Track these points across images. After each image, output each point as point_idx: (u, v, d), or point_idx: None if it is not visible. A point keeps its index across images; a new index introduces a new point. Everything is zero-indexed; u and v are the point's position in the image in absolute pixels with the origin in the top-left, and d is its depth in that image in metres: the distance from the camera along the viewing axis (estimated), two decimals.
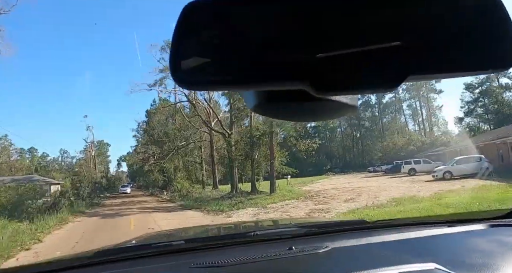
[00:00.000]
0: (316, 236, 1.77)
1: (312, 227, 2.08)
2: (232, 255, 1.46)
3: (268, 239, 1.77)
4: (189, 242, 1.79)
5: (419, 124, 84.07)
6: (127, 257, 1.63)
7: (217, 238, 2.13)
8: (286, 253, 1.44)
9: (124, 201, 29.90)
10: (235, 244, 1.75)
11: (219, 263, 1.38)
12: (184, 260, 1.51)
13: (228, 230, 2.99)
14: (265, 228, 2.50)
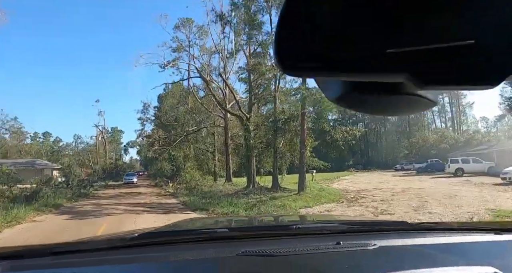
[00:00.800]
0: (363, 233, 1.79)
1: (358, 224, 2.07)
2: (278, 246, 1.47)
3: (313, 233, 1.78)
4: (233, 230, 1.80)
5: (446, 122, 78.31)
6: (171, 240, 1.68)
7: (261, 229, 2.21)
8: (334, 247, 1.44)
9: (119, 193, 25.33)
10: (279, 236, 1.75)
11: (265, 252, 1.36)
12: (229, 248, 1.51)
13: (270, 222, 3.15)
14: (308, 222, 2.44)
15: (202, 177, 33.05)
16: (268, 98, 24.96)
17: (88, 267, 1.43)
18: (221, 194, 21.04)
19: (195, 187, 25.79)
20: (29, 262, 1.45)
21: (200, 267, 1.41)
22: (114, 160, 65.40)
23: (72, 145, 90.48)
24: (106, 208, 15.10)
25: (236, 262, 1.38)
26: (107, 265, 1.44)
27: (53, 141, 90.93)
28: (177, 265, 1.44)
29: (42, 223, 11.68)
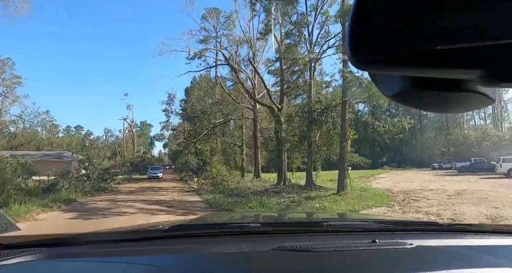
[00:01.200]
0: (398, 232, 1.76)
1: (390, 223, 2.04)
2: (311, 242, 1.49)
3: (344, 231, 1.78)
4: (265, 225, 1.83)
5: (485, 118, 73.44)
6: (205, 233, 1.71)
7: (292, 225, 2.19)
8: (370, 245, 1.44)
9: (140, 187, 23.74)
10: (311, 232, 1.76)
11: (301, 247, 1.38)
12: (263, 242, 1.51)
13: (300, 218, 3.09)
14: (338, 220, 2.43)
15: (228, 172, 31.19)
16: (302, 86, 22.58)
17: (122, 257, 1.43)
18: (249, 192, 18.99)
19: (221, 183, 23.86)
20: (66, 250, 1.49)
21: (237, 260, 1.39)
22: (142, 154, 64.49)
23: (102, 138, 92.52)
24: (119, 206, 13.36)
25: (272, 257, 1.38)
26: (142, 256, 1.44)
27: (84, 134, 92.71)
28: (213, 258, 1.43)
29: (40, 223, 9.99)
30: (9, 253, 1.39)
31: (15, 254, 1.38)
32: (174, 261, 1.44)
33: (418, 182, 25.67)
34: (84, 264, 1.39)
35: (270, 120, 37.20)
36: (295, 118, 21.23)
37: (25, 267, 1.32)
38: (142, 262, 1.35)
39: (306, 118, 19.86)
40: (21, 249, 1.43)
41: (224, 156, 34.89)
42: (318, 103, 20.08)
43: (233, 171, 34.00)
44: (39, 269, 1.36)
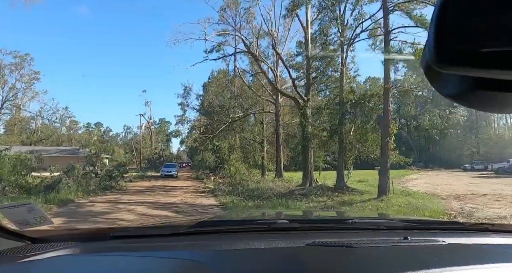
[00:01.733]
0: (426, 231, 1.77)
1: (418, 222, 2.04)
2: (341, 238, 1.49)
3: (370, 228, 1.77)
4: (292, 222, 1.77)
5: None
6: (233, 229, 1.69)
7: (318, 222, 2.19)
8: (402, 242, 1.45)
9: (151, 186, 21.61)
10: (339, 229, 1.76)
11: (335, 243, 1.39)
12: (294, 239, 1.50)
13: (324, 215, 3.12)
14: (362, 218, 2.24)
15: (247, 171, 28.91)
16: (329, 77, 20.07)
17: (154, 251, 1.42)
18: (271, 193, 16.68)
19: (240, 183, 21.59)
20: (95, 245, 1.51)
21: (272, 256, 1.38)
22: (159, 150, 63.07)
23: (121, 135, 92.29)
24: (119, 210, 11.26)
25: (307, 252, 1.38)
26: (174, 251, 1.44)
27: (103, 131, 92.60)
28: (247, 253, 1.40)
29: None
30: (41, 247, 1.39)
31: (46, 248, 1.39)
32: (209, 256, 1.38)
33: (460, 185, 22.86)
34: (115, 258, 1.37)
35: (293, 115, 34.77)
36: (324, 111, 18.75)
37: (57, 262, 1.31)
38: (175, 257, 1.33)
39: (337, 111, 17.37)
40: (52, 243, 1.44)
41: (243, 153, 32.59)
42: (351, 93, 17.59)
43: (252, 169, 31.71)
44: (71, 263, 1.35)
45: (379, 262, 1.29)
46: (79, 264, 1.35)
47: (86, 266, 1.32)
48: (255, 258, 1.35)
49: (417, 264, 1.19)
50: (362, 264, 1.29)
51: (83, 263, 1.35)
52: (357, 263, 1.28)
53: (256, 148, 32.73)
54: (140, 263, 1.31)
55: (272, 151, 31.76)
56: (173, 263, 1.27)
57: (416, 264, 1.19)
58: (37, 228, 1.55)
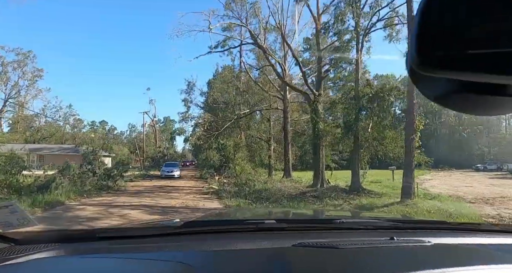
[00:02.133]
0: (412, 230, 1.77)
1: (405, 222, 2.05)
2: (329, 238, 1.48)
3: (358, 228, 1.77)
4: (280, 222, 1.77)
5: None
6: (220, 230, 1.67)
7: (306, 221, 2.17)
8: (388, 242, 1.44)
9: (152, 187, 20.17)
10: (326, 229, 1.75)
11: (322, 244, 1.38)
12: (281, 239, 1.50)
13: (311, 215, 3.16)
14: (350, 217, 2.40)
15: (253, 170, 27.55)
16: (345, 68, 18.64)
17: (141, 253, 1.41)
18: (280, 195, 15.35)
19: (246, 183, 20.24)
20: (81, 246, 1.47)
21: (259, 256, 1.37)
22: (163, 149, 61.94)
23: (126, 134, 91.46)
24: (110, 215, 9.94)
25: (294, 253, 1.38)
26: (161, 252, 1.41)
27: (108, 129, 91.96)
28: (235, 254, 1.40)
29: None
30: (25, 249, 1.35)
31: (30, 250, 1.35)
32: (195, 257, 1.37)
33: (481, 187, 21.37)
34: (101, 260, 1.36)
35: (301, 112, 33.36)
36: (338, 106, 17.33)
37: (42, 264, 1.29)
38: (162, 258, 1.31)
39: (353, 106, 15.95)
40: (36, 245, 1.40)
41: (249, 152, 31.21)
42: (368, 87, 16.16)
43: (258, 168, 30.36)
44: (57, 265, 1.32)
45: (364, 263, 1.27)
46: (65, 266, 1.32)
47: (72, 267, 1.30)
48: (241, 259, 1.33)
49: (403, 265, 1.18)
50: (347, 265, 1.27)
51: (69, 265, 1.32)
52: (342, 264, 1.26)
53: (263, 147, 31.34)
54: (126, 264, 1.29)
55: (279, 149, 30.38)
56: (159, 264, 1.25)
57: (401, 265, 1.19)
58: (20, 230, 1.53)
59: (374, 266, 1.24)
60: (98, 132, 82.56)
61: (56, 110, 63.85)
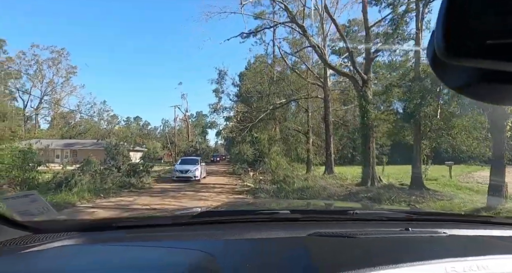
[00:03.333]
0: (427, 222, 1.77)
1: (419, 214, 2.00)
2: (344, 229, 1.46)
3: (372, 219, 1.77)
4: (294, 212, 1.76)
5: None
6: (235, 220, 1.68)
7: (320, 212, 2.12)
8: (404, 233, 1.45)
9: (179, 184, 18.07)
10: (340, 220, 1.73)
11: (337, 234, 1.38)
12: (296, 229, 1.49)
13: (325, 206, 3.01)
14: (363, 209, 2.38)
15: (289, 165, 25.19)
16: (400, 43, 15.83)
17: (158, 241, 1.41)
18: (326, 195, 13.03)
19: (284, 180, 17.96)
20: (100, 235, 1.49)
21: (273, 245, 1.35)
22: (195, 143, 60.98)
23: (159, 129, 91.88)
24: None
25: (308, 242, 1.36)
26: (178, 241, 1.43)
27: (142, 124, 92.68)
28: (252, 243, 1.39)
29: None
30: (44, 238, 1.37)
31: (50, 238, 1.37)
32: (210, 246, 1.33)
33: None
34: (120, 248, 1.36)
35: (342, 101, 30.63)
36: (394, 90, 14.64)
37: (61, 251, 1.30)
38: (179, 246, 1.32)
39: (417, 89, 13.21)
40: (55, 233, 1.42)
41: (286, 145, 28.83)
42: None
43: (294, 163, 27.97)
44: (76, 253, 1.32)
45: (380, 253, 1.25)
46: (84, 253, 1.31)
47: (91, 255, 1.29)
48: (255, 248, 1.34)
49: (418, 255, 1.17)
50: (363, 254, 1.24)
51: (87, 253, 1.32)
52: (358, 253, 1.25)
53: (300, 139, 28.84)
54: (144, 253, 1.28)
55: (319, 142, 27.81)
56: (177, 253, 1.26)
57: (417, 255, 1.17)
58: (40, 219, 1.56)
59: (390, 255, 1.19)
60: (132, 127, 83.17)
61: (91, 106, 64.62)
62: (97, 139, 31.16)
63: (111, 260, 1.22)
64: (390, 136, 16.47)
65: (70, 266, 1.19)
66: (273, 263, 1.17)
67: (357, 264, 1.07)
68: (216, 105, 30.19)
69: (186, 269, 1.10)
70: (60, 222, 1.69)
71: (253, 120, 26.14)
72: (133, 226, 1.59)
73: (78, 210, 9.84)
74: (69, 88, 60.99)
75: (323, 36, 23.66)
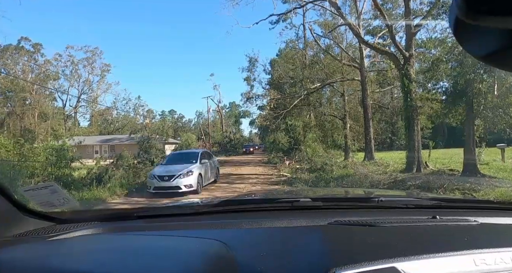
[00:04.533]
0: (455, 210, 1.66)
1: (447, 201, 1.91)
2: (366, 217, 1.43)
3: (397, 207, 1.70)
4: (316, 200, 1.72)
5: None
6: (256, 208, 1.69)
7: (343, 200, 2.03)
8: (430, 221, 1.38)
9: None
10: (364, 208, 1.71)
11: (358, 222, 1.34)
12: (317, 217, 1.45)
13: (349, 194, 2.98)
14: (389, 196, 2.11)
15: (325, 152, 24.16)
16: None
17: (178, 230, 1.42)
18: (369, 184, 12.05)
19: (322, 168, 17.08)
20: (120, 224, 1.53)
21: (293, 234, 1.32)
22: (229, 134, 61.06)
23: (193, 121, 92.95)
24: None
25: (329, 231, 1.32)
26: (198, 230, 1.42)
27: (177, 117, 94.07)
28: (271, 232, 1.37)
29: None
30: (67, 227, 1.40)
31: (72, 228, 1.40)
32: (230, 235, 1.32)
33: None
34: (139, 237, 1.36)
35: (379, 83, 29.07)
36: (441, 66, 13.27)
37: (84, 240, 1.32)
38: (198, 235, 1.30)
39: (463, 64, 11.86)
40: (77, 223, 1.45)
41: (321, 131, 27.78)
42: None
43: (331, 150, 26.88)
44: (96, 241, 1.35)
45: (403, 242, 1.20)
46: (104, 241, 1.34)
47: (111, 243, 1.31)
48: (276, 237, 1.31)
49: (445, 245, 1.12)
50: (384, 243, 1.20)
51: (108, 241, 1.34)
52: (379, 242, 1.19)
53: (337, 125, 27.68)
54: (163, 241, 1.28)
55: (357, 127, 26.56)
56: (195, 241, 1.24)
57: (444, 245, 1.12)
58: (62, 209, 1.58)
59: (414, 245, 1.14)
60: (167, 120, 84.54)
61: (126, 102, 65.94)
62: (130, 133, 31.29)
63: (129, 248, 1.22)
64: (437, 118, 15.08)
65: (92, 252, 1.20)
66: (289, 251, 1.13)
67: (377, 254, 1.01)
68: (248, 93, 29.54)
69: (199, 258, 1.10)
70: (82, 212, 1.80)
71: (286, 107, 25.28)
72: (152, 216, 1.62)
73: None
74: (104, 85, 62.55)
75: (357, 14, 22.35)
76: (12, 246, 1.26)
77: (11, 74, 47.80)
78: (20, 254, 1.19)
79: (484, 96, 11.70)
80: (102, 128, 63.59)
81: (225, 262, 1.06)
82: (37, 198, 1.51)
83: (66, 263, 1.12)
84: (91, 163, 16.74)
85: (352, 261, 0.96)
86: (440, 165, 16.57)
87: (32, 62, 51.66)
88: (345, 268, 0.93)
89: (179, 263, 1.10)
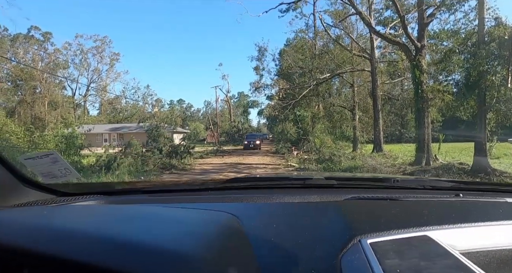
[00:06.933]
0: (484, 192, 1.55)
1: (466, 183, 1.85)
2: (383, 194, 1.37)
3: (415, 188, 1.61)
4: (329, 179, 1.65)
5: None
6: (267, 185, 1.65)
7: (357, 179, 1.98)
8: (453, 198, 1.33)
9: (222, 164, 17.56)
10: (380, 187, 1.64)
11: (375, 197, 1.30)
12: (331, 194, 1.43)
13: (365, 175, 2.97)
14: (405, 179, 1.95)
15: (334, 143, 24.08)
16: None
17: (186, 203, 1.37)
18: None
19: (330, 159, 17.06)
20: (124, 197, 1.52)
21: (306, 208, 1.27)
22: (237, 123, 61.06)
23: (202, 110, 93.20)
24: None
25: (346, 206, 1.26)
26: (207, 203, 1.36)
27: (185, 107, 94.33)
28: (284, 206, 1.33)
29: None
30: (68, 199, 1.39)
31: (75, 200, 1.39)
32: (239, 208, 1.26)
33: None
34: (147, 208, 1.31)
35: (389, 74, 28.72)
36: (454, 58, 13.04)
37: (87, 208, 1.29)
38: (204, 208, 1.25)
39: (476, 55, 11.62)
40: (80, 196, 1.44)
41: (330, 122, 27.62)
42: (500, 27, 11.70)
43: (339, 141, 26.76)
44: (102, 210, 1.30)
45: (427, 214, 1.11)
46: (112, 211, 1.28)
47: (120, 212, 1.26)
48: (288, 211, 1.26)
49: (481, 216, 1.06)
50: (407, 215, 1.13)
51: (115, 210, 1.29)
52: (401, 214, 1.13)
53: (346, 116, 27.48)
54: (172, 212, 1.24)
55: (366, 119, 26.36)
56: (200, 213, 1.21)
57: (479, 216, 1.06)
58: (65, 181, 1.54)
59: (445, 216, 1.07)
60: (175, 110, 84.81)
61: (135, 91, 66.20)
62: (138, 121, 31.40)
63: (136, 216, 1.17)
64: (448, 110, 14.84)
65: (98, 216, 1.17)
66: (305, 224, 1.08)
67: (404, 223, 0.97)
68: (257, 83, 29.31)
69: (209, 226, 1.05)
70: (86, 185, 1.72)
71: (295, 97, 25.10)
72: (158, 191, 1.58)
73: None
74: (113, 74, 62.68)
75: (368, 4, 22.04)
76: (10, 211, 1.21)
77: (22, 63, 48.11)
78: (19, 218, 1.13)
79: (497, 89, 11.47)
80: (111, 117, 63.90)
81: (236, 233, 1.01)
82: (38, 168, 1.47)
83: (69, 226, 1.06)
84: (100, 151, 16.91)
85: (378, 229, 0.90)
86: (450, 158, 16.42)
87: (42, 51, 51.95)
88: (371, 236, 0.87)
89: (188, 231, 1.04)
